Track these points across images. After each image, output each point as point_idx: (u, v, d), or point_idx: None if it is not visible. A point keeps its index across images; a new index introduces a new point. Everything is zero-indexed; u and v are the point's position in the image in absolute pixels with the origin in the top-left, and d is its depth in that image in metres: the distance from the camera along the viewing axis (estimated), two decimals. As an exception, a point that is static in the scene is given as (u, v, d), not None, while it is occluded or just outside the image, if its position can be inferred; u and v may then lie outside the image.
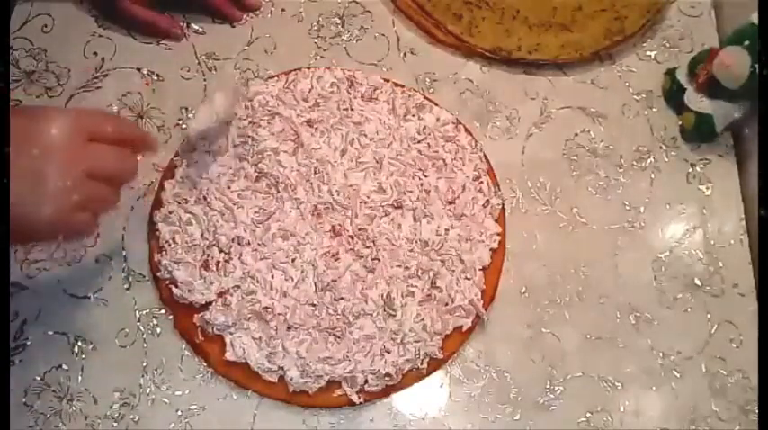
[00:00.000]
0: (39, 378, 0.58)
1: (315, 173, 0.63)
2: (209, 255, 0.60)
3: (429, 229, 0.62)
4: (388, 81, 0.69)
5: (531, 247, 0.65)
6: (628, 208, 0.67)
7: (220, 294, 0.59)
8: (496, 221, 0.64)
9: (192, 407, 0.58)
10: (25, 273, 0.61)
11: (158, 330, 0.60)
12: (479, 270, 0.62)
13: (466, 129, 0.68)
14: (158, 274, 0.61)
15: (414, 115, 0.68)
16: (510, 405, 0.59)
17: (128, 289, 0.61)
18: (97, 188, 0.51)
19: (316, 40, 0.73)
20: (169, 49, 0.72)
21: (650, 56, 0.74)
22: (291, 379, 0.57)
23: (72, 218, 0.49)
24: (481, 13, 0.73)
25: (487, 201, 0.64)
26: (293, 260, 0.60)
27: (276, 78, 0.69)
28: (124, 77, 0.70)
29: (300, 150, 0.64)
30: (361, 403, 0.58)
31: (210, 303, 0.59)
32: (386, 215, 0.63)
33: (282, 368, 0.57)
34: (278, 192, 0.63)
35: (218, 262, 0.60)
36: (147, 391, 0.58)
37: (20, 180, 0.46)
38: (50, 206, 0.47)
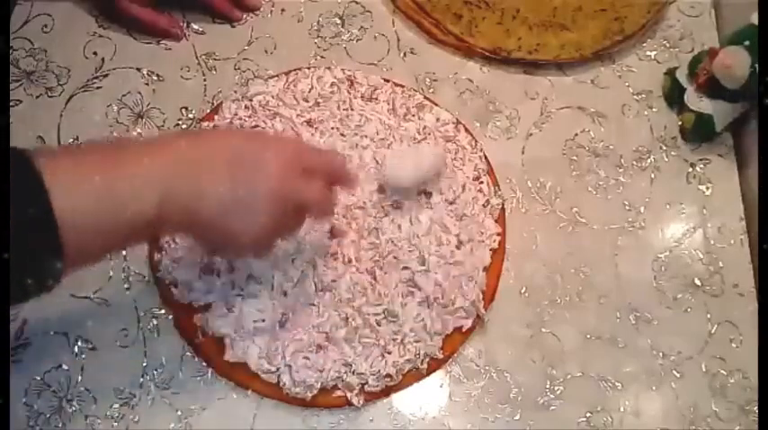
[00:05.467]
0: (39, 378, 0.58)
1: (315, 173, 0.63)
2: (210, 261, 0.60)
3: (429, 230, 0.62)
4: (388, 81, 0.69)
5: (531, 247, 0.65)
6: (628, 208, 0.67)
7: (221, 297, 0.59)
8: (496, 221, 0.64)
9: (192, 407, 0.58)
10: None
11: (158, 330, 0.60)
12: (482, 271, 0.62)
13: (466, 129, 0.68)
14: (158, 274, 0.61)
15: (414, 115, 0.68)
16: (510, 405, 0.59)
17: (128, 289, 0.61)
18: (297, 221, 0.52)
19: (316, 40, 0.73)
20: (169, 49, 0.72)
21: (650, 56, 0.74)
22: (284, 384, 0.57)
23: (269, 240, 0.51)
24: (481, 13, 0.73)
25: (488, 201, 0.64)
26: (293, 260, 0.60)
27: (276, 78, 0.69)
28: (124, 77, 0.70)
29: (300, 150, 0.64)
30: (361, 404, 0.58)
31: (211, 304, 0.59)
32: (386, 215, 0.63)
33: (279, 369, 0.57)
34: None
35: (220, 270, 0.60)
36: (147, 391, 0.58)
37: (232, 196, 0.46)
38: (254, 229, 0.47)
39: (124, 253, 0.62)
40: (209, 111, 0.68)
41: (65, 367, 0.58)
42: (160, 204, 0.43)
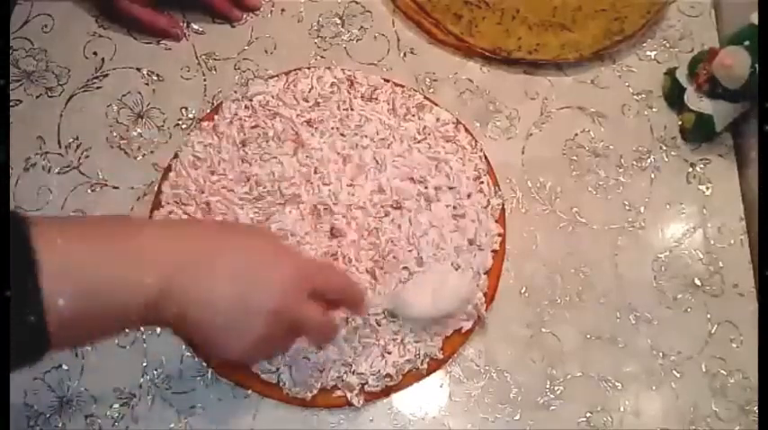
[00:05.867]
0: (39, 378, 0.58)
1: (315, 173, 0.63)
2: None
3: (430, 231, 0.62)
4: (388, 81, 0.69)
5: (531, 247, 0.65)
6: (628, 208, 0.67)
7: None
8: (497, 222, 0.64)
9: (192, 407, 0.58)
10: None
11: (158, 330, 0.60)
12: (483, 274, 0.62)
13: (466, 129, 0.68)
14: (158, 274, 0.60)
15: (414, 115, 0.68)
16: (510, 405, 0.59)
17: (128, 289, 0.61)
18: (290, 340, 0.50)
19: (316, 40, 0.73)
20: (169, 49, 0.72)
21: (650, 56, 0.74)
22: (284, 384, 0.57)
23: (257, 354, 0.49)
24: (481, 13, 0.73)
25: (488, 201, 0.64)
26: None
27: (276, 78, 0.69)
28: (124, 77, 0.70)
29: (300, 150, 0.64)
30: (361, 404, 0.58)
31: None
32: (386, 215, 0.62)
33: (279, 369, 0.57)
34: (278, 192, 0.63)
35: None
36: (147, 391, 0.58)
37: (228, 306, 0.44)
38: (242, 345, 0.45)
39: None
40: (209, 111, 0.68)
41: (65, 367, 0.59)
42: (157, 298, 0.41)
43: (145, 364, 0.59)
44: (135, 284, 0.41)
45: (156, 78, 0.70)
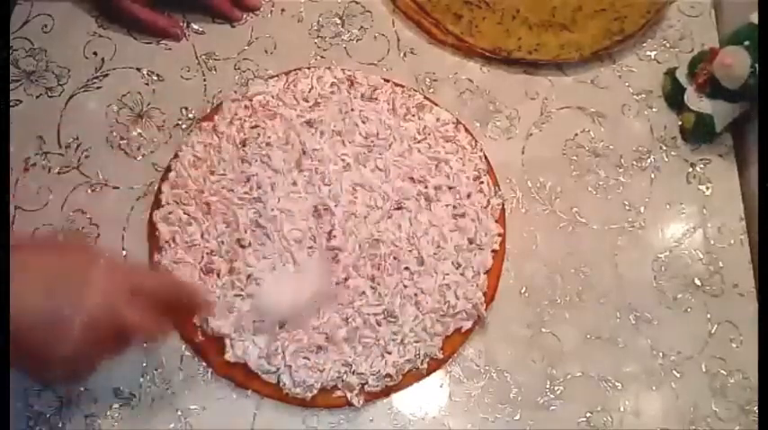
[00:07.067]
0: (39, 378, 0.58)
1: (315, 173, 0.63)
2: (210, 261, 0.60)
3: (430, 231, 0.62)
4: (388, 81, 0.69)
5: (531, 247, 0.65)
6: (628, 208, 0.67)
7: (221, 299, 0.59)
8: (497, 222, 0.64)
9: (192, 407, 0.58)
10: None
11: (158, 330, 0.60)
12: (483, 274, 0.62)
13: (466, 129, 0.68)
14: (158, 274, 0.61)
15: (414, 115, 0.68)
16: (510, 405, 0.59)
17: (128, 289, 0.61)
18: (120, 344, 0.49)
19: (316, 40, 0.73)
20: (169, 49, 0.72)
21: (650, 56, 0.74)
22: (284, 384, 0.57)
23: (85, 367, 0.49)
24: (481, 13, 0.73)
25: (488, 201, 0.64)
26: (294, 261, 0.60)
27: (276, 78, 0.69)
28: (124, 77, 0.70)
29: (301, 151, 0.64)
30: (361, 404, 0.58)
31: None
32: (387, 216, 0.62)
33: (279, 369, 0.57)
34: (278, 192, 0.63)
35: (220, 270, 0.60)
36: (147, 391, 0.58)
37: (47, 318, 0.44)
38: (67, 346, 0.45)
39: (124, 253, 0.63)
40: (209, 111, 0.68)
41: (65, 367, 0.58)
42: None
43: (145, 364, 0.59)
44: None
45: (156, 78, 0.70)
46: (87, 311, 0.45)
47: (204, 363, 0.59)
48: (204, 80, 0.71)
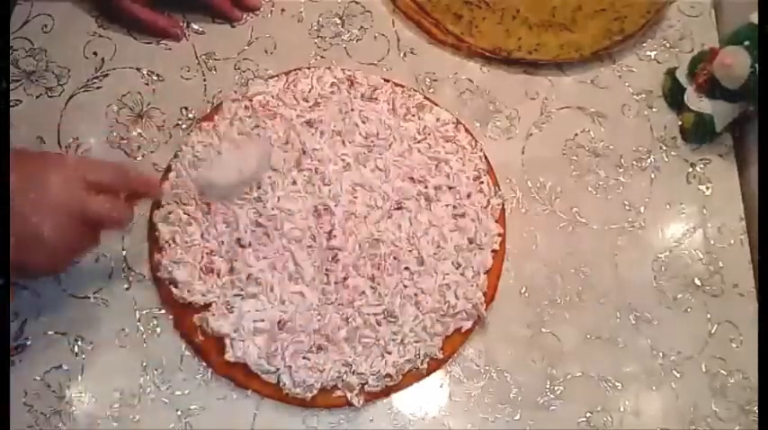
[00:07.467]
0: (39, 378, 0.58)
1: (315, 173, 0.63)
2: (210, 261, 0.60)
3: (430, 231, 0.62)
4: (388, 81, 0.69)
5: (531, 247, 0.65)
6: (628, 208, 0.67)
7: (221, 299, 0.59)
8: (497, 222, 0.64)
9: (192, 407, 0.58)
10: (25, 272, 0.61)
11: (158, 330, 0.60)
12: (483, 274, 0.62)
13: (466, 129, 0.68)
14: (158, 274, 0.61)
15: (414, 115, 0.67)
16: (510, 405, 0.59)
17: (128, 289, 0.61)
18: (89, 234, 0.53)
19: (316, 40, 0.73)
20: (169, 49, 0.72)
21: (650, 56, 0.74)
22: (284, 384, 0.57)
23: (64, 259, 0.53)
24: (481, 13, 0.73)
25: (488, 201, 0.64)
26: (294, 261, 0.60)
27: (276, 78, 0.69)
28: (124, 77, 0.70)
29: (300, 150, 0.64)
30: (361, 404, 0.58)
31: (211, 304, 0.59)
32: (387, 216, 0.62)
33: (279, 369, 0.57)
34: (278, 192, 0.63)
35: (220, 270, 0.60)
36: (147, 391, 0.58)
37: (17, 225, 0.48)
38: (45, 252, 0.50)
39: (124, 253, 0.62)
40: (209, 111, 0.68)
41: (65, 367, 0.59)
42: None
43: (145, 364, 0.59)
44: None
45: (156, 78, 0.70)
46: (51, 211, 0.49)
47: (204, 363, 0.59)
48: (204, 80, 0.71)
